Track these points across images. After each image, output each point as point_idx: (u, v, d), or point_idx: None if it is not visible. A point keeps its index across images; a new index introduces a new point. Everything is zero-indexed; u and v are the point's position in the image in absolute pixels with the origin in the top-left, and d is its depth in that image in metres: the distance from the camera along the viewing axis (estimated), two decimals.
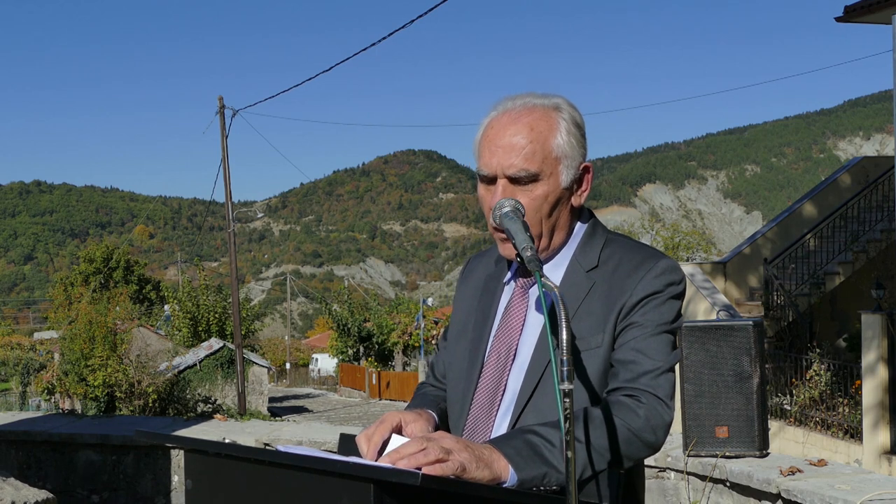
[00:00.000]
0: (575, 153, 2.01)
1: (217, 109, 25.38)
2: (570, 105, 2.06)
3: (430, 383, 2.32)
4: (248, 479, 1.76)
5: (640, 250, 2.04)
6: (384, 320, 44.58)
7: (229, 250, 26.69)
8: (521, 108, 2.02)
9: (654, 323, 1.96)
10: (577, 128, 2.03)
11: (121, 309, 22.14)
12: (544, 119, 2.00)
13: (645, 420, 1.88)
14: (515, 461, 1.78)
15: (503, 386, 2.03)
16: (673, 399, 1.95)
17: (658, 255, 2.02)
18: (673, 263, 2.01)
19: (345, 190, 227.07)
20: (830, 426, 12.81)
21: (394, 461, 1.69)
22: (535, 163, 1.97)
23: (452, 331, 2.23)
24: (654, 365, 1.93)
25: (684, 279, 2.03)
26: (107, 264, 64.39)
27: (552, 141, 1.99)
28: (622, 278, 1.99)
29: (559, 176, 2.00)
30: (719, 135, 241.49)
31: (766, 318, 14.94)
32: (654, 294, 1.97)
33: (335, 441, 2.46)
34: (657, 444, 1.93)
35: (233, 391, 26.09)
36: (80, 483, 8.29)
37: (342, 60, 19.94)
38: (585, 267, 2.03)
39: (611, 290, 1.98)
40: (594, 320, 1.97)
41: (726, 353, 6.41)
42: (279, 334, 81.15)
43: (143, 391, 17.78)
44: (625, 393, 1.91)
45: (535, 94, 2.06)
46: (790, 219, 17.66)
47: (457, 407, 2.10)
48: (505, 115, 2.02)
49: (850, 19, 14.77)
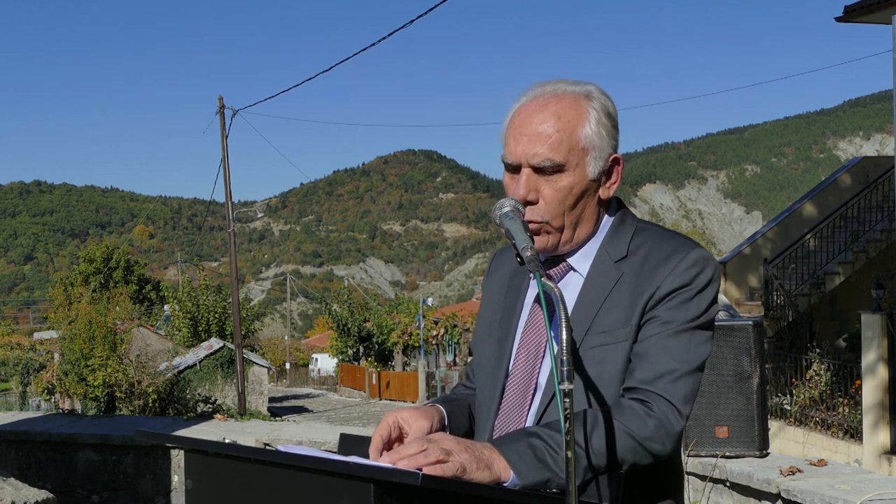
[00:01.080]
0: (604, 144, 1.94)
1: (217, 109, 25.38)
2: (602, 93, 1.98)
3: (463, 384, 2.26)
4: (248, 479, 1.76)
5: (671, 240, 1.95)
6: (384, 320, 44.57)
7: (229, 250, 26.69)
8: (549, 94, 1.95)
9: (679, 320, 1.88)
10: (608, 118, 1.96)
11: (121, 309, 22.15)
12: (573, 107, 1.93)
13: (654, 430, 1.82)
14: (518, 467, 1.75)
15: (534, 383, 1.97)
16: (688, 405, 1.87)
17: (689, 245, 1.93)
18: (704, 254, 1.92)
19: (345, 190, 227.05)
20: (830, 426, 12.81)
21: (394, 461, 1.68)
22: (561, 153, 1.90)
23: (479, 329, 2.16)
24: (673, 367, 1.86)
25: (717, 270, 1.94)
26: (107, 264, 64.39)
27: (580, 131, 1.92)
28: (651, 269, 1.91)
29: (586, 167, 1.93)
30: (719, 135, 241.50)
31: (766, 318, 14.94)
32: (682, 287, 1.89)
33: (335, 441, 2.46)
34: (664, 454, 1.86)
35: (233, 391, 26.08)
36: (80, 483, 8.29)
37: (342, 60, 19.98)
38: (614, 257, 1.96)
39: (639, 282, 1.91)
40: (621, 312, 1.90)
41: (726, 353, 6.40)
42: (279, 334, 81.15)
43: (143, 391, 17.79)
44: (637, 396, 1.85)
45: (566, 81, 1.98)
46: (790, 219, 17.66)
47: (485, 406, 2.05)
48: (533, 102, 1.95)
49: (850, 19, 14.78)
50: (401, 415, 1.95)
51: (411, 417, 1.95)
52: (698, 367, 1.90)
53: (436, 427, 1.99)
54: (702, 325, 1.91)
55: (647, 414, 1.83)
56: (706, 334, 1.92)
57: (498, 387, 2.02)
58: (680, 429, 1.86)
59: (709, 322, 1.92)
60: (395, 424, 1.92)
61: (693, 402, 1.89)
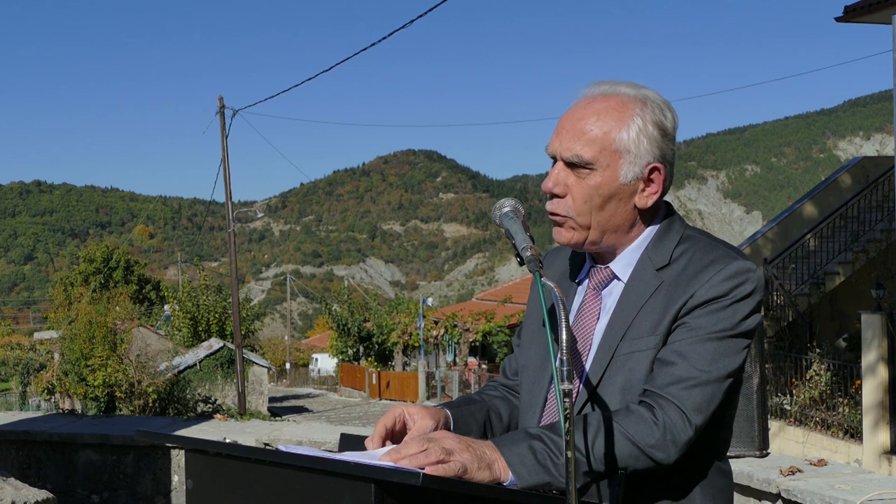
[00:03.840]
0: (642, 151, 1.91)
1: (217, 109, 25.38)
2: (661, 103, 1.96)
3: (499, 382, 2.25)
4: (248, 479, 1.76)
5: (713, 250, 1.91)
6: (384, 320, 44.54)
7: (229, 250, 26.69)
8: (600, 94, 1.96)
9: (707, 328, 1.85)
10: (656, 127, 1.92)
11: (121, 309, 22.18)
12: (618, 109, 1.92)
13: (660, 437, 1.80)
14: (518, 470, 1.75)
15: (578, 389, 1.95)
16: (702, 414, 1.83)
17: (732, 255, 1.89)
18: (746, 266, 1.88)
19: (345, 190, 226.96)
20: (830, 426, 12.81)
21: (395, 461, 1.68)
22: (592, 151, 1.90)
23: (526, 330, 2.15)
24: (691, 374, 1.83)
25: (759, 282, 1.89)
26: (107, 264, 64.36)
27: (616, 133, 1.90)
28: (688, 279, 1.88)
29: (618, 170, 1.91)
30: (719, 135, 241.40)
31: (766, 318, 14.94)
32: (716, 298, 1.85)
33: (335, 441, 2.45)
34: (668, 462, 1.82)
35: (233, 391, 26.08)
36: (80, 483, 8.29)
37: (342, 60, 19.98)
38: (657, 264, 1.93)
39: (675, 290, 1.89)
40: (654, 320, 1.89)
41: None
42: (279, 334, 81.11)
43: (143, 391, 17.78)
44: (647, 401, 1.83)
45: (628, 84, 1.97)
46: (790, 219, 17.66)
47: (530, 409, 2.05)
48: (583, 100, 1.97)
49: (850, 19, 14.78)
50: (408, 409, 1.95)
51: (417, 414, 1.95)
52: (722, 377, 1.85)
53: (440, 429, 1.98)
54: (734, 335, 1.86)
55: (654, 421, 1.81)
56: (738, 344, 1.87)
57: (542, 389, 2.03)
58: (687, 438, 1.82)
59: (743, 333, 1.87)
60: (400, 417, 1.93)
61: (710, 412, 1.84)
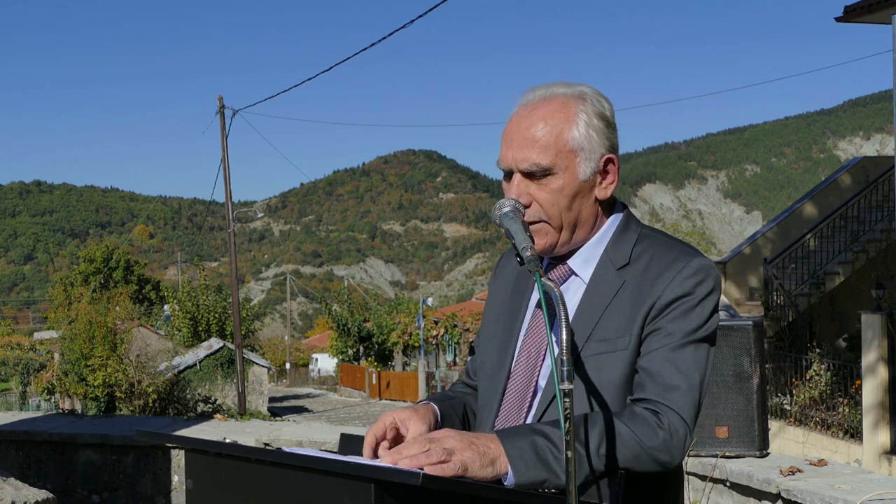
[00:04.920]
0: (594, 145, 1.94)
1: (217, 109, 25.38)
2: (596, 94, 1.99)
3: (462, 381, 2.28)
4: (248, 479, 1.76)
5: (672, 248, 1.96)
6: (384, 320, 44.55)
7: (229, 250, 26.69)
8: (539, 99, 1.97)
9: (682, 331, 1.89)
10: (600, 119, 1.96)
11: (121, 309, 22.18)
12: (561, 110, 1.94)
13: (663, 441, 1.83)
14: (517, 465, 1.75)
15: (533, 386, 1.98)
16: (695, 418, 1.90)
17: (691, 253, 1.94)
18: (706, 263, 1.94)
19: (345, 190, 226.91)
20: (830, 426, 12.81)
21: (395, 461, 1.68)
22: (548, 156, 1.92)
23: (484, 330, 2.18)
24: (680, 381, 1.88)
25: (718, 279, 1.95)
26: (107, 264, 64.37)
27: (567, 133, 1.93)
28: (652, 278, 1.92)
29: (576, 169, 1.94)
30: (719, 135, 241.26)
31: (766, 318, 14.94)
32: (683, 297, 1.90)
33: (335, 441, 2.46)
34: (672, 465, 1.86)
35: (233, 391, 26.09)
36: (80, 483, 8.29)
37: (342, 60, 19.99)
38: (617, 264, 1.97)
39: (640, 291, 1.92)
40: (622, 321, 1.92)
41: (726, 353, 6.41)
42: (279, 334, 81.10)
43: (143, 391, 17.78)
44: (649, 407, 1.86)
45: (560, 84, 2.00)
46: (790, 219, 17.67)
47: (486, 406, 2.06)
48: (523, 108, 1.97)
49: (850, 19, 14.77)
50: (399, 415, 1.94)
51: (409, 420, 1.94)
52: (703, 380, 1.92)
53: (432, 430, 1.98)
54: (704, 338, 1.92)
55: (658, 425, 1.84)
56: (708, 347, 1.94)
57: (499, 387, 2.03)
58: (688, 442, 1.88)
59: (711, 335, 1.94)
60: (391, 425, 1.92)
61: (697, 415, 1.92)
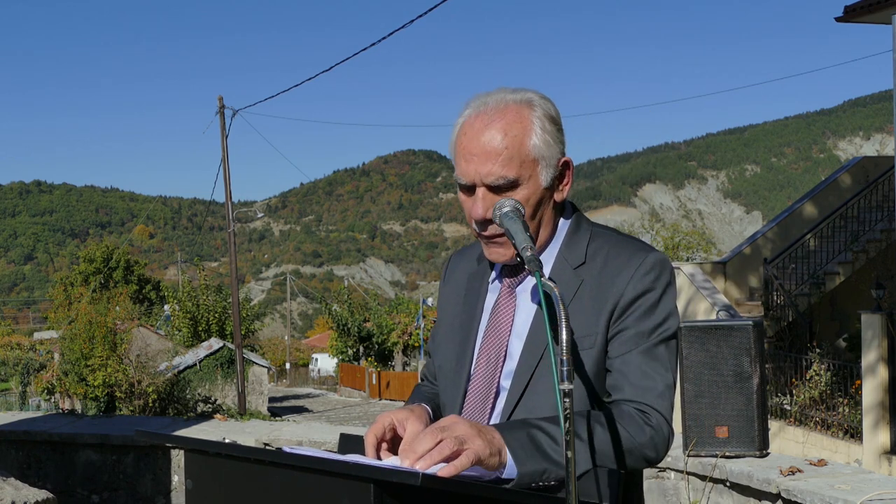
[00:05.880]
0: (552, 151, 1.95)
1: (217, 109, 25.38)
2: (543, 99, 1.99)
3: (427, 384, 2.29)
4: (248, 479, 1.76)
5: (626, 244, 1.99)
6: (384, 320, 44.57)
7: (229, 250, 26.69)
8: (493, 109, 1.94)
9: (649, 328, 1.93)
10: (551, 123, 1.96)
11: (121, 309, 22.19)
12: (518, 120, 1.93)
13: (650, 438, 1.88)
14: (518, 455, 1.77)
15: (495, 387, 1.99)
16: (671, 416, 1.96)
17: (645, 248, 1.97)
18: (661, 256, 1.97)
19: (345, 190, 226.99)
20: (830, 426, 12.81)
21: (412, 463, 1.69)
22: (513, 168, 1.91)
23: (440, 333, 2.18)
24: (656, 381, 1.92)
25: (673, 270, 1.98)
26: (107, 264, 64.40)
27: (528, 143, 1.92)
28: (611, 276, 1.94)
29: (539, 177, 1.94)
30: (719, 135, 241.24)
31: (766, 318, 14.94)
32: (645, 293, 1.93)
33: (335, 441, 2.46)
34: (656, 461, 1.93)
35: (233, 391, 26.10)
36: (80, 483, 8.29)
37: (342, 60, 19.97)
38: (573, 263, 1.98)
39: (601, 289, 1.94)
40: (585, 319, 1.93)
41: (726, 353, 6.41)
42: (279, 334, 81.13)
43: (143, 391, 17.79)
44: (634, 406, 1.91)
45: (506, 90, 1.98)
46: (790, 219, 17.66)
47: (448, 409, 2.07)
48: (478, 119, 1.94)
49: (850, 19, 14.77)
50: (396, 416, 1.95)
51: (407, 420, 1.95)
52: (674, 379, 1.97)
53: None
54: (672, 335, 1.97)
55: (645, 422, 1.89)
56: (675, 343, 1.99)
57: (460, 390, 2.05)
58: (672, 438, 1.94)
59: (674, 332, 1.98)
60: (390, 426, 1.92)
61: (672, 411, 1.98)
